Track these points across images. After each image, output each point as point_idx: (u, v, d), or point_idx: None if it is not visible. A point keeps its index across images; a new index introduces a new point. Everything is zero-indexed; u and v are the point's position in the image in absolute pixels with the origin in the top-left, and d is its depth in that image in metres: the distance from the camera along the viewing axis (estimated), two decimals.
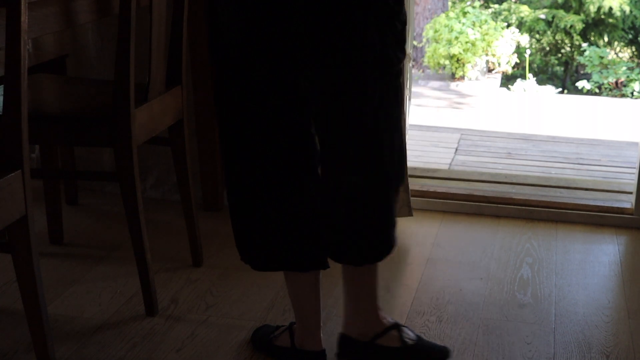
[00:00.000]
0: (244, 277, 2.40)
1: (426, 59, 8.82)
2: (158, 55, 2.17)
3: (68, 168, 2.75)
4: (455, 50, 8.33)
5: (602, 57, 9.53)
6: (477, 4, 10.59)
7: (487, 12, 10.45)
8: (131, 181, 2.08)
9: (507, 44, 8.84)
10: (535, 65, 10.76)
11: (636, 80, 9.01)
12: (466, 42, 8.39)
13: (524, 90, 9.06)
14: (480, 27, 8.63)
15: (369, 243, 1.79)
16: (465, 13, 8.81)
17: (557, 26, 10.39)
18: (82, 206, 2.99)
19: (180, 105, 2.35)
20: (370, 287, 1.85)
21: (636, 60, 10.83)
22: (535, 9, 10.69)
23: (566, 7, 10.62)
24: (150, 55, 2.12)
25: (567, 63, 10.99)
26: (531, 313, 2.25)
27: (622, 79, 9.18)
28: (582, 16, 10.36)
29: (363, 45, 1.70)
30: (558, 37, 10.54)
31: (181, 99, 2.35)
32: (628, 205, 2.92)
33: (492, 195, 3.01)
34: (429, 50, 8.70)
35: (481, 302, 2.30)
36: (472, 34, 8.47)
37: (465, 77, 8.49)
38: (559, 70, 11.16)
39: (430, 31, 8.78)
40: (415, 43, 9.42)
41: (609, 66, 9.42)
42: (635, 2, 10.22)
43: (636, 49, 11.00)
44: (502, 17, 10.50)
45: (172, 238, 2.70)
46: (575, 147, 4.74)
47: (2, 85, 1.66)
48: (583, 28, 10.35)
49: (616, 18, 10.37)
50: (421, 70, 9.33)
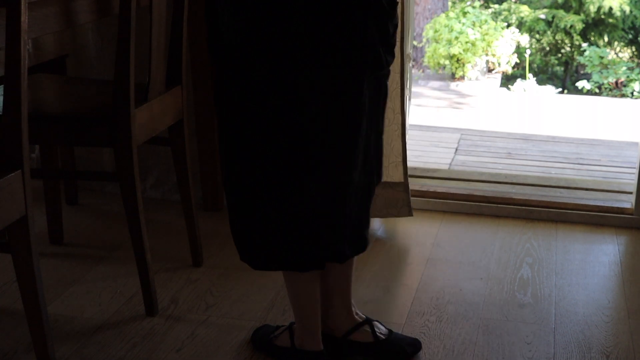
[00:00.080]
0: (244, 277, 2.41)
1: (426, 59, 8.82)
2: (158, 55, 2.17)
3: (68, 168, 2.75)
4: (455, 50, 8.33)
5: (602, 57, 9.53)
6: (477, 4, 10.59)
7: (487, 12, 10.45)
8: (131, 181, 2.08)
9: (507, 44, 8.84)
10: (535, 65, 10.76)
11: (636, 80, 9.01)
12: (466, 42, 8.39)
13: (524, 90, 9.06)
14: (480, 27, 8.63)
15: (356, 239, 1.86)
16: (465, 13, 8.81)
17: (557, 26, 10.39)
18: (82, 206, 2.99)
19: (180, 105, 2.35)
20: (345, 284, 1.94)
21: (636, 60, 10.84)
22: (535, 9, 10.69)
23: (566, 7, 10.62)
24: (150, 55, 2.12)
25: (567, 63, 10.99)
26: (531, 313, 2.25)
27: (622, 79, 9.18)
28: (582, 16, 10.36)
29: (363, 45, 1.72)
30: (558, 37, 10.54)
31: (181, 99, 2.35)
32: (628, 205, 2.92)
33: (492, 195, 3.01)
34: (429, 50, 8.71)
35: (481, 302, 2.30)
36: (472, 34, 8.47)
37: (465, 77, 8.49)
38: (559, 70, 11.16)
39: (430, 31, 8.79)
40: (415, 43, 9.43)
41: (609, 66, 9.42)
42: (635, 2, 10.22)
43: (636, 49, 11.00)
44: (502, 17, 10.50)
45: (172, 238, 2.70)
46: (575, 147, 4.74)
47: (2, 85, 1.66)
48: (583, 28, 10.35)
49: (616, 18, 10.37)
50: (421, 70, 9.33)
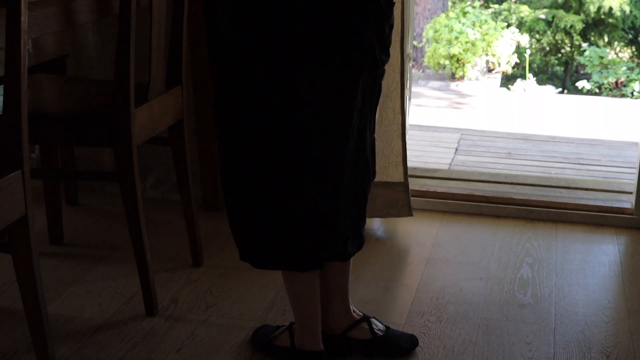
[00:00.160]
0: (244, 277, 2.40)
1: (426, 59, 8.82)
2: (158, 55, 2.17)
3: (68, 168, 2.75)
4: (455, 50, 8.33)
5: (602, 57, 9.53)
6: (477, 4, 10.59)
7: (487, 12, 10.45)
8: (131, 181, 2.08)
9: (507, 44, 8.84)
10: (535, 65, 10.76)
11: (636, 80, 9.01)
12: (466, 42, 8.39)
13: (524, 90, 9.06)
14: (480, 27, 8.63)
15: (357, 237, 1.91)
16: (465, 13, 8.81)
17: (557, 26, 10.39)
18: (82, 206, 2.99)
19: (180, 105, 2.35)
20: (344, 283, 1.96)
21: (636, 60, 10.83)
22: (535, 9, 10.69)
23: (566, 7, 10.62)
24: (150, 55, 2.12)
25: (567, 63, 10.99)
26: (531, 313, 2.25)
27: (622, 79, 9.18)
28: (582, 16, 10.36)
29: (362, 45, 1.72)
30: (558, 37, 10.54)
31: (181, 99, 2.35)
32: (628, 205, 2.92)
33: (492, 195, 3.01)
34: (429, 50, 8.71)
35: (481, 302, 2.30)
36: (472, 34, 8.47)
37: (465, 77, 8.49)
38: (559, 70, 11.16)
39: (430, 31, 8.79)
40: (415, 43, 9.42)
41: (609, 66, 9.41)
42: (635, 2, 10.22)
43: (636, 49, 11.00)
44: (502, 17, 10.50)
45: (172, 238, 2.70)
46: (575, 147, 4.74)
47: (2, 85, 1.66)
48: (583, 28, 10.35)
49: (616, 18, 10.37)
50: (421, 70, 9.33)
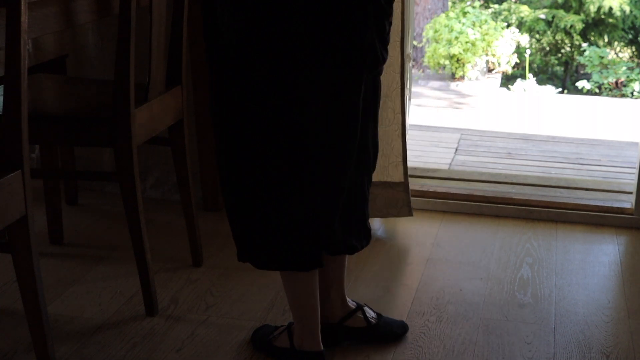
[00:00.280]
0: (244, 277, 2.40)
1: (426, 59, 8.82)
2: (158, 55, 2.17)
3: (68, 168, 2.75)
4: (455, 50, 8.33)
5: (602, 57, 9.53)
6: (477, 4, 10.59)
7: (487, 12, 10.44)
8: (131, 181, 2.08)
9: (507, 44, 8.84)
10: (535, 65, 10.75)
11: (636, 80, 9.01)
12: (466, 42, 8.39)
13: (524, 90, 9.06)
14: (480, 27, 8.63)
15: (362, 233, 1.95)
16: (465, 13, 8.81)
17: (557, 26, 10.38)
18: (82, 206, 2.99)
19: (180, 105, 2.35)
20: (341, 275, 2.03)
21: (636, 60, 10.83)
22: (535, 9, 10.69)
23: (566, 7, 10.62)
24: (150, 55, 2.12)
25: (567, 63, 10.98)
26: (531, 313, 2.25)
27: (622, 79, 9.17)
28: (582, 16, 10.36)
29: (362, 45, 1.72)
30: (558, 37, 10.54)
31: (181, 99, 2.35)
32: (628, 205, 2.92)
33: (492, 195, 3.01)
34: (429, 50, 8.70)
35: (481, 302, 2.30)
36: (472, 34, 8.47)
37: (465, 77, 8.49)
38: (559, 70, 11.16)
39: (430, 31, 8.78)
40: (415, 43, 9.42)
41: (609, 66, 9.41)
42: (635, 2, 10.22)
43: (636, 49, 11.00)
44: (502, 17, 10.49)
45: (172, 238, 2.70)
46: (575, 147, 4.74)
47: (2, 85, 1.66)
48: (583, 28, 10.35)
49: (616, 18, 10.37)
50: (421, 70, 9.33)
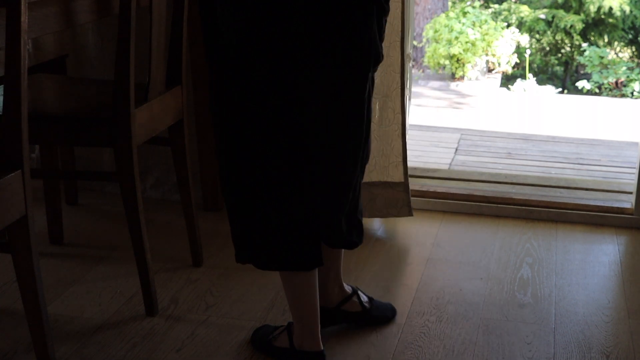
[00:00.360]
0: (244, 277, 2.40)
1: (426, 59, 8.82)
2: (158, 55, 2.17)
3: (68, 168, 2.75)
4: (455, 50, 8.33)
5: (602, 57, 9.53)
6: (477, 4, 10.59)
7: (487, 12, 10.45)
8: (131, 181, 2.08)
9: (507, 44, 8.84)
10: (535, 65, 10.76)
11: (636, 80, 9.01)
12: (466, 42, 8.39)
13: (524, 90, 9.06)
14: (480, 27, 8.63)
15: (359, 227, 1.98)
16: (465, 13, 8.81)
17: (557, 26, 10.39)
18: (82, 206, 2.99)
19: (180, 105, 2.35)
20: (338, 263, 2.09)
21: (636, 60, 10.83)
22: (535, 9, 10.69)
23: (566, 7, 10.62)
24: (150, 55, 2.12)
25: (567, 63, 10.99)
26: (531, 313, 2.25)
27: (622, 79, 9.18)
28: (582, 16, 10.36)
29: (362, 45, 1.72)
30: (558, 37, 10.54)
31: (181, 99, 2.35)
32: (628, 205, 2.92)
33: (492, 195, 3.01)
34: (429, 50, 8.71)
35: (481, 302, 2.30)
36: (472, 34, 8.47)
37: (465, 77, 8.49)
38: (559, 70, 11.16)
39: (430, 31, 8.79)
40: (415, 43, 9.42)
41: (609, 66, 9.42)
42: (635, 2, 10.22)
43: (636, 49, 11.00)
44: (502, 17, 10.50)
45: (172, 238, 2.70)
46: (575, 147, 4.74)
47: (2, 85, 1.66)
48: (583, 28, 10.35)
49: (616, 18, 10.37)
50: (421, 70, 9.33)
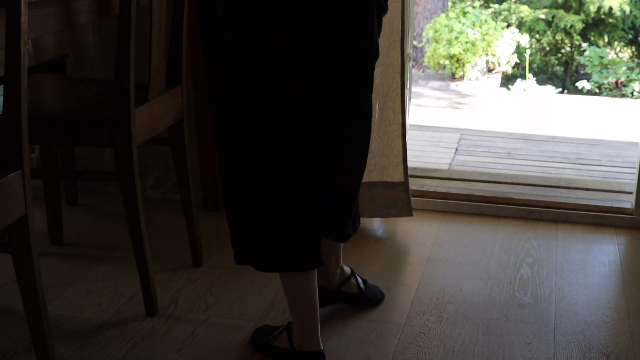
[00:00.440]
0: (244, 277, 2.41)
1: (426, 59, 8.82)
2: (158, 55, 2.17)
3: (68, 168, 2.75)
4: (455, 50, 8.33)
5: (602, 57, 9.53)
6: (477, 4, 10.59)
7: (487, 12, 10.45)
8: (131, 181, 2.08)
9: (507, 44, 8.84)
10: (535, 65, 10.76)
11: (636, 80, 9.01)
12: (466, 42, 8.39)
13: (524, 90, 9.06)
14: (480, 27, 8.63)
15: (355, 223, 2.05)
16: (465, 13, 8.81)
17: (557, 26, 10.38)
18: (82, 206, 2.99)
19: (180, 105, 2.35)
20: (339, 248, 2.18)
21: (636, 60, 10.83)
22: (535, 9, 10.69)
23: (566, 7, 10.62)
24: (150, 55, 2.12)
25: (567, 63, 10.98)
26: (531, 313, 2.25)
27: (622, 79, 9.18)
28: (582, 16, 10.36)
29: (362, 45, 1.72)
30: (558, 37, 10.54)
31: (181, 99, 2.35)
32: (628, 205, 2.92)
33: (492, 195, 3.01)
34: (429, 50, 8.70)
35: (481, 302, 2.30)
36: (472, 34, 8.47)
37: (465, 77, 8.49)
38: (559, 70, 11.16)
39: (430, 31, 8.78)
40: (415, 43, 9.42)
41: (609, 66, 9.41)
42: (635, 2, 10.22)
43: (636, 49, 11.00)
44: (502, 17, 10.50)
45: (172, 238, 2.70)
46: (575, 147, 4.74)
47: (2, 85, 1.66)
48: (583, 28, 10.35)
49: (616, 18, 10.37)
50: (421, 70, 9.33)
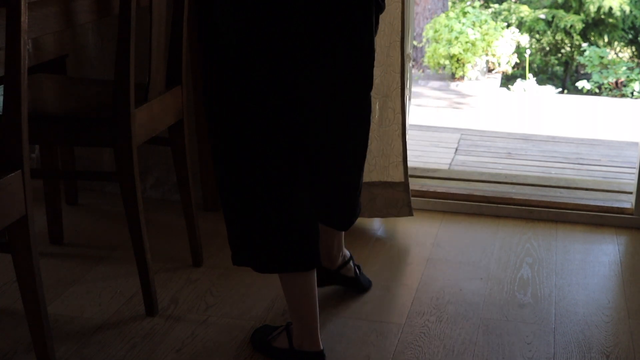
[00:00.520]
0: (244, 277, 2.40)
1: (426, 59, 8.82)
2: (158, 55, 2.17)
3: (68, 168, 2.75)
4: (455, 50, 8.33)
5: (602, 57, 9.53)
6: (477, 4, 10.59)
7: (487, 12, 10.45)
8: (131, 181, 2.08)
9: (507, 44, 8.84)
10: (535, 65, 10.76)
11: (636, 80, 9.01)
12: (466, 42, 8.39)
13: (524, 90, 9.06)
14: (480, 27, 8.63)
15: (355, 214, 2.13)
16: (465, 13, 8.81)
17: (557, 26, 10.39)
18: (82, 206, 2.99)
19: (180, 105, 2.35)
20: (341, 234, 2.25)
21: (636, 60, 10.83)
22: (535, 9, 10.69)
23: (566, 7, 10.62)
24: (150, 55, 2.12)
25: (567, 63, 10.98)
26: (531, 313, 2.25)
27: (622, 79, 9.17)
28: (582, 16, 10.36)
29: (362, 45, 1.73)
30: (558, 37, 10.54)
31: (181, 99, 2.35)
32: (628, 205, 2.92)
33: (492, 195, 3.01)
34: (429, 50, 8.71)
35: (481, 302, 2.30)
36: (472, 34, 8.47)
37: (465, 77, 8.49)
38: (559, 70, 11.16)
39: (430, 31, 8.79)
40: (415, 43, 9.42)
41: (609, 66, 9.42)
42: (635, 2, 10.22)
43: (636, 49, 11.00)
44: (502, 17, 10.50)
45: (172, 238, 2.70)
46: (575, 147, 4.74)
47: (2, 85, 1.66)
48: (583, 28, 10.35)
49: (616, 18, 10.37)
50: (421, 70, 9.33)
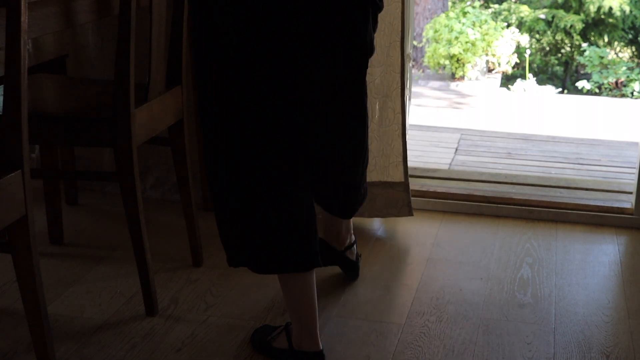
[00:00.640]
0: (244, 277, 2.40)
1: (426, 59, 8.82)
2: (158, 55, 2.17)
3: (68, 168, 2.75)
4: (455, 50, 8.33)
5: (602, 57, 9.53)
6: (477, 4, 10.59)
7: (487, 12, 10.45)
8: (131, 181, 2.08)
9: (507, 44, 8.84)
10: (535, 65, 10.75)
11: (636, 80, 9.01)
12: (466, 42, 8.39)
13: (524, 90, 9.06)
14: (480, 27, 8.63)
15: (358, 204, 2.20)
16: (465, 13, 8.81)
17: (557, 26, 10.38)
18: (82, 206, 2.99)
19: (180, 105, 2.35)
20: (349, 220, 2.32)
21: (636, 60, 10.83)
22: (535, 9, 10.69)
23: (566, 7, 10.62)
24: (150, 55, 2.12)
25: (567, 63, 10.98)
26: (531, 313, 2.25)
27: (622, 79, 9.17)
28: (582, 16, 10.36)
29: (362, 45, 1.73)
30: (558, 37, 10.54)
31: (181, 99, 2.35)
32: (628, 205, 2.92)
33: (492, 195, 3.01)
34: (429, 50, 8.70)
35: (481, 302, 2.30)
36: (472, 34, 8.47)
37: (465, 77, 8.49)
38: (559, 70, 11.16)
39: (430, 31, 8.78)
40: (415, 43, 9.42)
41: (609, 66, 9.41)
42: (635, 2, 10.22)
43: (636, 49, 11.00)
44: (502, 17, 10.50)
45: (172, 238, 2.70)
46: (575, 147, 4.74)
47: (2, 85, 1.66)
48: (583, 28, 10.35)
49: (616, 18, 10.37)
50: (421, 70, 9.33)
